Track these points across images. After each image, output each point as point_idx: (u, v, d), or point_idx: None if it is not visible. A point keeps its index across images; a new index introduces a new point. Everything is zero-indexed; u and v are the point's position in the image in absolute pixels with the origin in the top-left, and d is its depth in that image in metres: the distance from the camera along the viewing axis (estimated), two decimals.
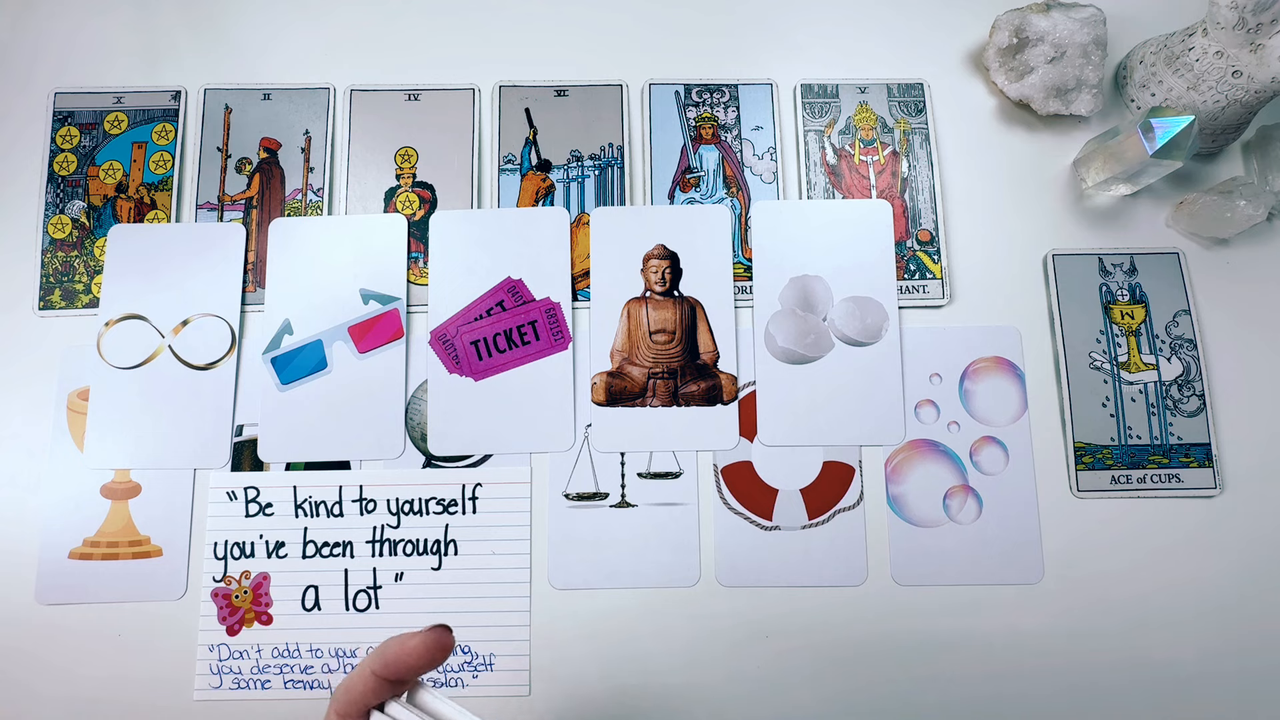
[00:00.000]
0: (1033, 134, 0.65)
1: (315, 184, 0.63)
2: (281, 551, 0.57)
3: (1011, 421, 0.60)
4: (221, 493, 0.58)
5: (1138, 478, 0.58)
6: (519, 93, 0.65)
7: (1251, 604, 0.57)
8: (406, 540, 0.57)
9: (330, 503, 0.58)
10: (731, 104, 0.65)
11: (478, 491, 0.58)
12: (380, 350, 0.60)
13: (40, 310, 0.60)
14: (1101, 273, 0.62)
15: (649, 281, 0.61)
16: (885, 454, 0.59)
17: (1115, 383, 0.60)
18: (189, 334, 0.60)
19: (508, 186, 0.63)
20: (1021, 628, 0.56)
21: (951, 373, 0.60)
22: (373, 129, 0.64)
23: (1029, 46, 0.63)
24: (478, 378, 0.59)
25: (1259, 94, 0.58)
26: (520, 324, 0.60)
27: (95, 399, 0.58)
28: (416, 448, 0.59)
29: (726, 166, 0.63)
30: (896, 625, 0.56)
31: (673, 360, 0.60)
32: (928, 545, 0.58)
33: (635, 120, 0.65)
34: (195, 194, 0.62)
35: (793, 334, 0.60)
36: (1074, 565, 0.57)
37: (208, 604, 0.56)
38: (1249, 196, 0.60)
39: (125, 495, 0.57)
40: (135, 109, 0.64)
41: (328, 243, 0.61)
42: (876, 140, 0.64)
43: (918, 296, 0.61)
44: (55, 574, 0.56)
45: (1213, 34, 0.58)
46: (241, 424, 0.59)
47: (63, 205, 0.62)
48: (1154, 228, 0.63)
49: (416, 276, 0.61)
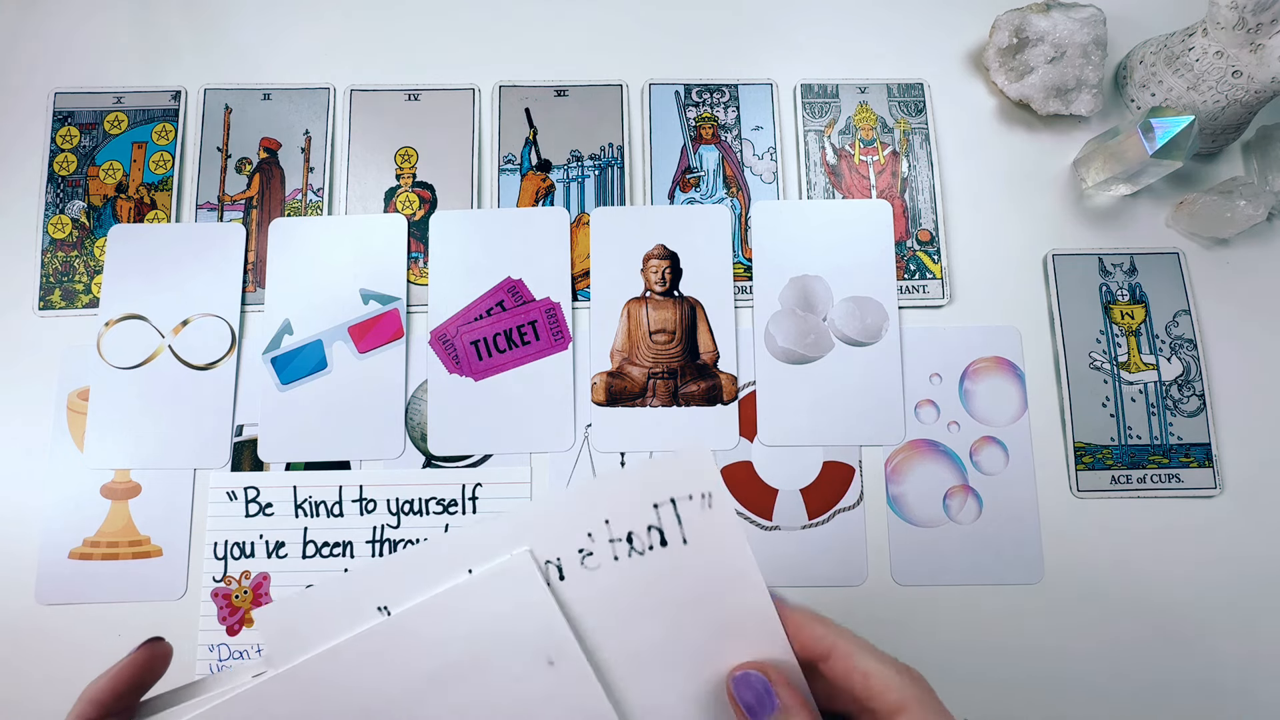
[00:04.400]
0: (1033, 134, 0.65)
1: (315, 184, 0.63)
2: (281, 551, 0.57)
3: (1011, 421, 0.60)
4: (221, 493, 0.58)
5: (1138, 478, 0.58)
6: (519, 93, 0.65)
7: (1251, 604, 0.57)
8: (406, 540, 0.57)
9: (330, 503, 0.58)
10: (731, 104, 0.65)
11: (478, 491, 0.58)
12: (380, 350, 0.60)
13: (40, 310, 0.60)
14: (1101, 273, 0.62)
15: (649, 281, 0.61)
16: (885, 454, 0.59)
17: (1115, 383, 0.60)
18: (189, 334, 0.60)
19: (508, 186, 0.63)
20: (1021, 628, 0.56)
21: (951, 373, 0.60)
22: (373, 129, 0.64)
23: (1029, 46, 0.63)
24: (478, 378, 0.59)
25: (1259, 94, 0.58)
26: (520, 324, 0.60)
27: (95, 399, 0.58)
28: (416, 448, 0.59)
29: (726, 166, 0.63)
30: (896, 625, 0.56)
31: (673, 360, 0.60)
32: (928, 545, 0.58)
33: (635, 120, 0.65)
34: (195, 194, 0.62)
35: (793, 334, 0.60)
36: (1074, 565, 0.57)
37: (208, 604, 0.56)
38: (1249, 196, 0.60)
39: (125, 495, 0.57)
40: (135, 109, 0.64)
41: (328, 243, 0.61)
42: (876, 140, 0.64)
43: (918, 296, 0.61)
44: (55, 574, 0.56)
45: (1213, 34, 0.58)
46: (241, 424, 0.59)
47: (63, 205, 0.62)
48: (1154, 228, 0.63)
49: (416, 276, 0.61)
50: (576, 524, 0.31)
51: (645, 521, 0.31)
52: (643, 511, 0.31)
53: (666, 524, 0.31)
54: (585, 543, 0.31)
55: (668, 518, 0.31)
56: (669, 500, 0.31)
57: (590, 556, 0.32)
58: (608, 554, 0.32)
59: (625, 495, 0.31)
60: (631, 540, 0.32)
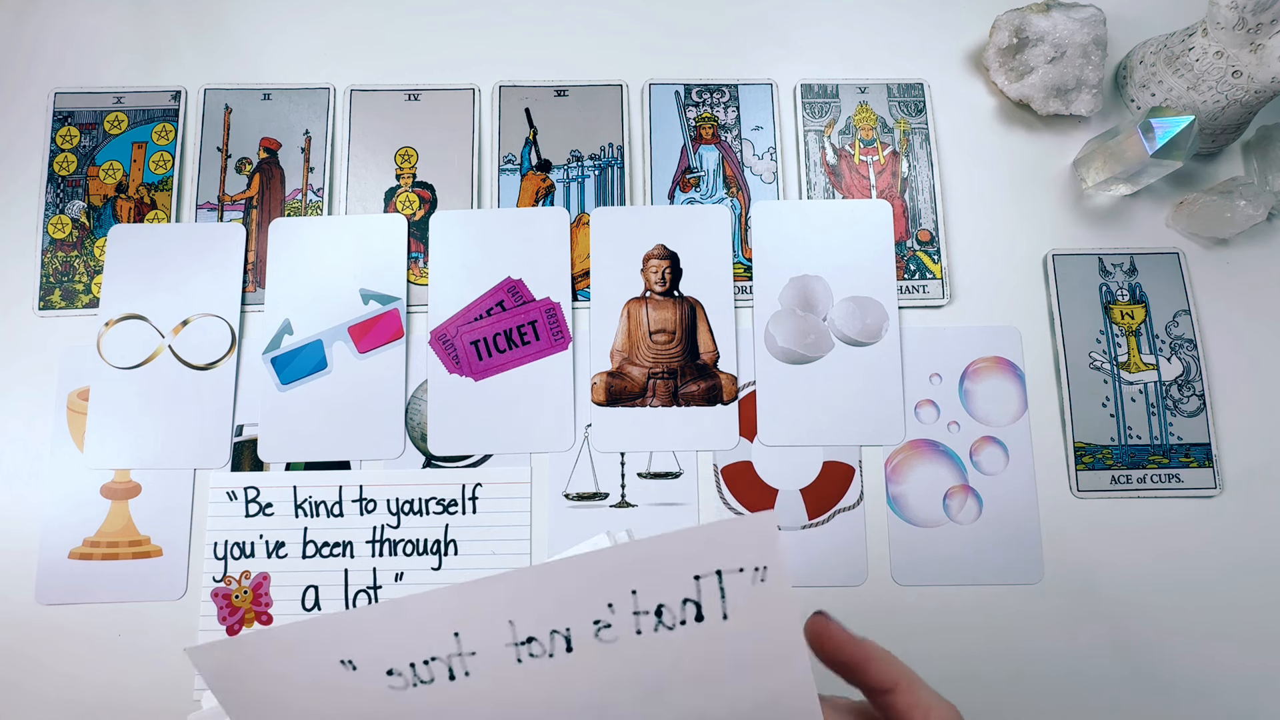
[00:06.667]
0: (1033, 134, 0.65)
1: (315, 184, 0.63)
2: (281, 551, 0.57)
3: (1011, 421, 0.60)
4: (221, 493, 0.58)
5: (1138, 478, 0.58)
6: (519, 93, 0.65)
7: (1252, 604, 0.57)
8: (406, 540, 0.57)
9: (330, 503, 0.58)
10: (731, 104, 0.65)
11: (478, 491, 0.58)
12: (380, 350, 0.60)
13: (40, 310, 0.60)
14: (1101, 273, 0.62)
15: (649, 281, 0.61)
16: (885, 454, 0.59)
17: (1115, 383, 0.60)
18: (189, 334, 0.60)
19: (508, 186, 0.63)
20: (1021, 628, 0.56)
21: (951, 373, 0.60)
22: (373, 129, 0.64)
23: (1029, 46, 0.63)
24: (478, 378, 0.59)
25: (1259, 94, 0.58)
26: (520, 324, 0.60)
27: (95, 399, 0.58)
28: (416, 448, 0.59)
29: (726, 166, 0.63)
30: (896, 625, 0.56)
31: (673, 360, 0.60)
32: (928, 545, 0.58)
33: (635, 120, 0.65)
34: (195, 194, 0.62)
35: (793, 334, 0.60)
36: (1074, 565, 0.57)
37: (208, 604, 0.56)
38: (1249, 196, 0.60)
39: (125, 495, 0.57)
40: (135, 109, 0.64)
41: (328, 243, 0.61)
42: (876, 140, 0.64)
43: (918, 296, 0.61)
44: (55, 574, 0.56)
45: (1213, 34, 0.58)
46: (241, 424, 0.59)
47: (63, 205, 0.62)
48: (1154, 228, 0.63)
49: (416, 276, 0.61)
50: (596, 593, 0.27)
51: (681, 594, 0.27)
52: (681, 584, 0.27)
53: (706, 597, 0.27)
54: (603, 613, 0.27)
55: (709, 590, 0.27)
56: (714, 572, 0.27)
57: (607, 629, 0.27)
58: (629, 627, 0.27)
59: (663, 565, 0.27)
60: (660, 614, 0.27)
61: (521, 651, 0.27)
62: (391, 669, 0.28)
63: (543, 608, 0.27)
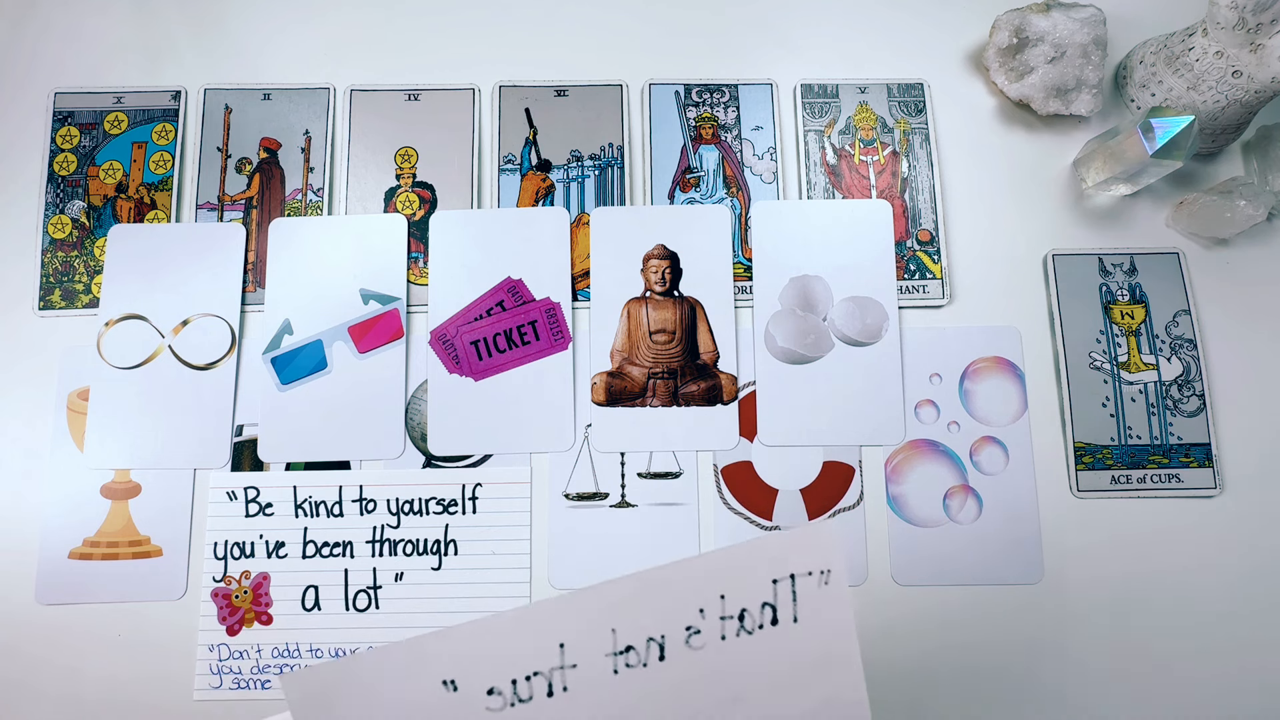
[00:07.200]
0: (1033, 134, 0.65)
1: (315, 184, 0.63)
2: (281, 551, 0.57)
3: (1011, 421, 0.60)
4: (221, 493, 0.58)
5: (1138, 478, 0.58)
6: (519, 93, 0.65)
7: (1251, 604, 0.57)
8: (406, 540, 0.57)
9: (330, 503, 0.58)
10: (731, 104, 0.65)
11: (478, 491, 0.58)
12: (380, 350, 0.60)
13: (40, 310, 0.60)
14: (1101, 273, 0.62)
15: (649, 281, 0.61)
16: (885, 454, 0.59)
17: (1115, 383, 0.60)
18: (189, 334, 0.60)
19: (508, 186, 0.63)
20: (1021, 628, 0.56)
21: (951, 373, 0.60)
22: (373, 129, 0.64)
23: (1029, 46, 0.63)
24: (478, 378, 0.59)
25: (1259, 94, 0.58)
26: (520, 324, 0.60)
27: (95, 399, 0.58)
28: (416, 448, 0.59)
29: (726, 166, 0.64)
30: (896, 625, 0.56)
31: (673, 360, 0.60)
32: (928, 545, 0.58)
33: (635, 120, 0.65)
34: (195, 194, 0.62)
35: (793, 334, 0.60)
36: (1074, 565, 0.57)
37: (208, 604, 0.56)
38: (1249, 196, 0.60)
39: (125, 495, 0.57)
40: (135, 109, 0.64)
41: (328, 243, 0.61)
42: (876, 140, 0.64)
43: (918, 296, 0.61)
44: (55, 574, 0.56)
45: (1213, 34, 0.58)
46: (241, 424, 0.59)
47: (63, 205, 0.62)
48: (1154, 228, 0.63)
49: (416, 276, 0.61)
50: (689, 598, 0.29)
51: (761, 598, 0.29)
52: (761, 588, 0.29)
53: (781, 601, 0.30)
54: (695, 619, 0.29)
55: (784, 594, 0.30)
56: (789, 576, 0.29)
57: (697, 635, 0.29)
58: (715, 633, 0.29)
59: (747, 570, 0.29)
60: (743, 619, 0.29)
61: (619, 661, 0.29)
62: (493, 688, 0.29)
63: (643, 614, 0.29)
